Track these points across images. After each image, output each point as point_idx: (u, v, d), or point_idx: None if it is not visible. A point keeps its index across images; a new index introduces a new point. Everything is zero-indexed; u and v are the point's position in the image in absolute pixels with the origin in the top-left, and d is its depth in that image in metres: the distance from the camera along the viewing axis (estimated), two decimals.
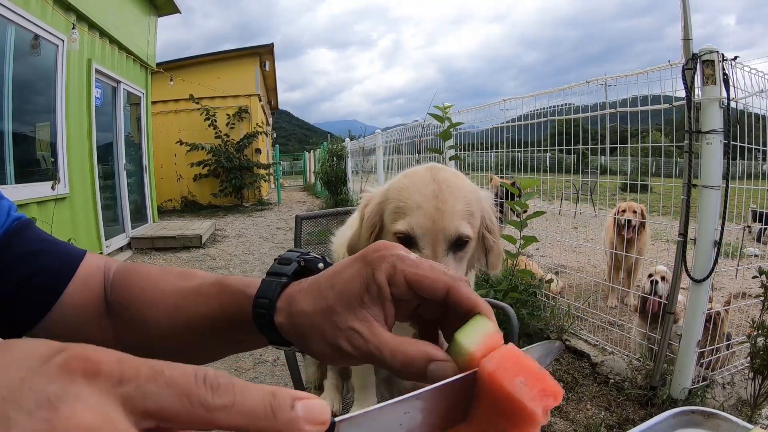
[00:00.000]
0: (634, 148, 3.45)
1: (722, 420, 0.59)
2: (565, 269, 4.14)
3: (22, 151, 4.52)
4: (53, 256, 0.57)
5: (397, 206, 1.03)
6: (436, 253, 0.98)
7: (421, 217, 0.99)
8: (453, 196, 1.03)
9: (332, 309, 0.40)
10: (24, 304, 0.54)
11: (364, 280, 0.39)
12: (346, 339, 0.39)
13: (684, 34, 2.22)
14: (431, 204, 1.00)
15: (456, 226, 1.00)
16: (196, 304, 0.51)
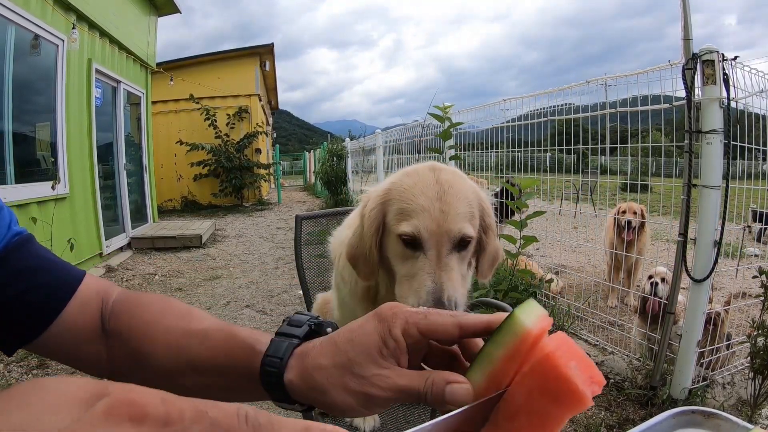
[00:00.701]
0: (634, 148, 3.45)
1: (723, 420, 0.59)
2: (565, 269, 4.14)
3: (23, 151, 4.52)
4: (53, 274, 0.57)
5: (401, 208, 1.04)
6: (440, 254, 1.00)
7: (427, 219, 1.01)
8: (456, 198, 1.05)
9: (353, 362, 0.42)
10: (20, 319, 0.54)
11: (381, 336, 0.43)
12: (375, 384, 0.42)
13: (684, 34, 2.21)
14: (436, 207, 1.02)
15: (459, 227, 1.02)
16: (202, 348, 0.52)
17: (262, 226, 9.16)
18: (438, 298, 0.95)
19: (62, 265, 0.60)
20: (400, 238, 1.03)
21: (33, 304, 0.54)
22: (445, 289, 0.97)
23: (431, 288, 0.97)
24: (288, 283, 5.01)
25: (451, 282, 0.99)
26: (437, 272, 0.99)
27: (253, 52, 13.81)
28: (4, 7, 3.90)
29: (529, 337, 0.38)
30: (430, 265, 1.00)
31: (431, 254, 1.00)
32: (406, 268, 1.03)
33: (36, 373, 2.91)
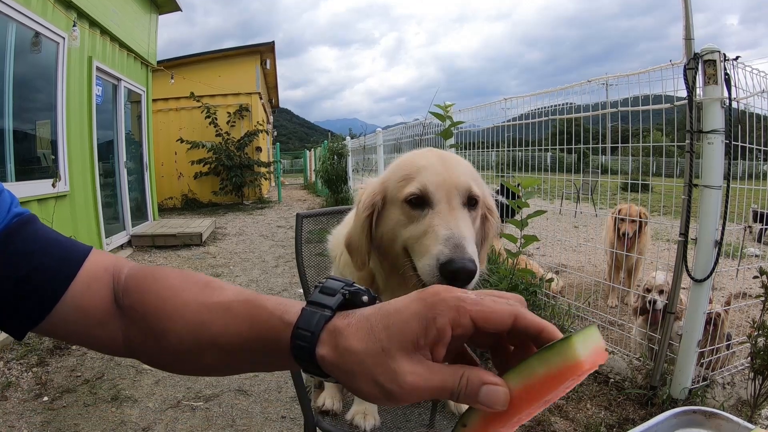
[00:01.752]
0: (635, 148, 3.44)
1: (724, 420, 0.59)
2: (565, 268, 4.14)
3: (23, 148, 4.52)
4: (54, 254, 0.54)
5: (404, 174, 1.01)
6: (452, 205, 0.94)
7: (431, 174, 0.97)
8: (458, 162, 1.04)
9: (386, 351, 0.39)
10: (21, 305, 0.52)
11: (423, 324, 0.39)
12: (405, 382, 0.39)
13: (685, 33, 2.21)
14: (438, 166, 0.99)
15: (466, 180, 0.98)
16: (225, 323, 0.49)
17: (262, 225, 9.17)
18: (457, 244, 0.86)
19: (66, 243, 0.56)
20: (406, 202, 0.97)
21: (34, 287, 0.51)
22: (465, 235, 0.89)
23: (447, 234, 0.88)
24: (288, 281, 5.02)
25: (469, 231, 0.92)
26: (450, 221, 0.91)
27: (253, 50, 13.80)
28: (4, 4, 3.90)
29: (578, 369, 0.37)
30: (440, 217, 0.92)
31: (441, 207, 0.94)
32: (413, 229, 0.95)
33: (36, 371, 2.91)
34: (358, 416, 1.34)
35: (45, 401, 2.57)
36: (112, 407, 2.53)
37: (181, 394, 2.69)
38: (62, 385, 2.75)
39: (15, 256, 0.52)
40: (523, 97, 3.65)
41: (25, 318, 0.52)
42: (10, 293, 0.51)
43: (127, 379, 2.85)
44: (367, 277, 1.18)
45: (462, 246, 0.86)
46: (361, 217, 1.05)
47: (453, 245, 0.86)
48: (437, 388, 0.39)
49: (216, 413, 2.48)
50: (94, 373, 2.90)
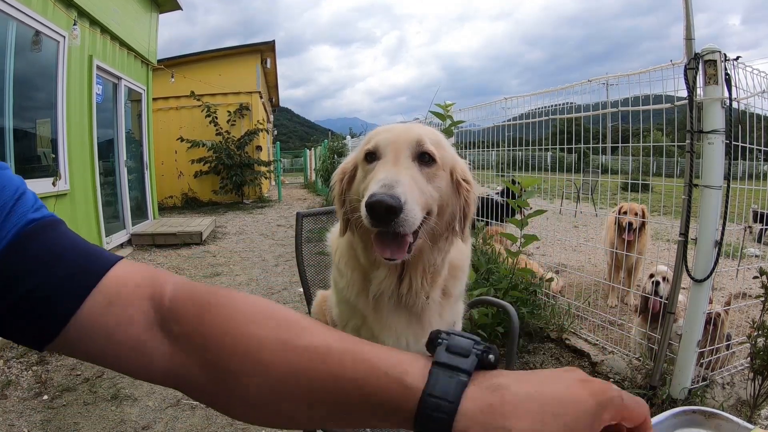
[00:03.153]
0: (635, 148, 3.44)
1: (723, 420, 0.59)
2: (565, 268, 4.14)
3: (23, 147, 4.52)
4: (70, 264, 0.47)
5: (366, 140, 1.09)
6: (398, 157, 1.00)
7: (386, 134, 1.05)
8: (423, 127, 1.10)
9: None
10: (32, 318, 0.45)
11: (593, 420, 0.38)
12: None
13: (686, 33, 2.21)
14: (398, 128, 1.06)
15: (420, 139, 1.02)
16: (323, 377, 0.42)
17: (262, 224, 9.17)
18: (386, 184, 0.90)
19: (86, 252, 0.48)
20: (363, 159, 1.05)
21: (43, 301, 0.45)
22: (399, 179, 0.93)
23: (381, 177, 0.93)
24: (288, 280, 5.02)
25: (407, 178, 0.95)
26: (390, 169, 0.97)
27: (254, 50, 13.80)
28: (5, 3, 3.90)
29: None
30: (385, 165, 0.99)
31: (387, 158, 1.00)
32: (366, 180, 1.02)
33: (36, 369, 2.91)
34: None
35: (45, 400, 2.58)
36: (111, 406, 2.54)
37: (181, 393, 2.68)
38: (62, 383, 2.75)
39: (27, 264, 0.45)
40: (524, 96, 3.65)
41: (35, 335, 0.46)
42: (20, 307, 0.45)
43: (127, 378, 2.85)
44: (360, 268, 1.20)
45: (390, 185, 0.90)
46: (334, 181, 1.16)
47: (382, 185, 0.90)
48: None
49: (216, 412, 2.47)
50: (94, 371, 2.90)
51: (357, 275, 1.20)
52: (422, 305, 1.17)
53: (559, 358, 2.94)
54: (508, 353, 1.66)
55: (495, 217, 4.22)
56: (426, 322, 1.21)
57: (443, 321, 1.28)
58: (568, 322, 3.23)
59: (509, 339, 1.59)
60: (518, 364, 2.86)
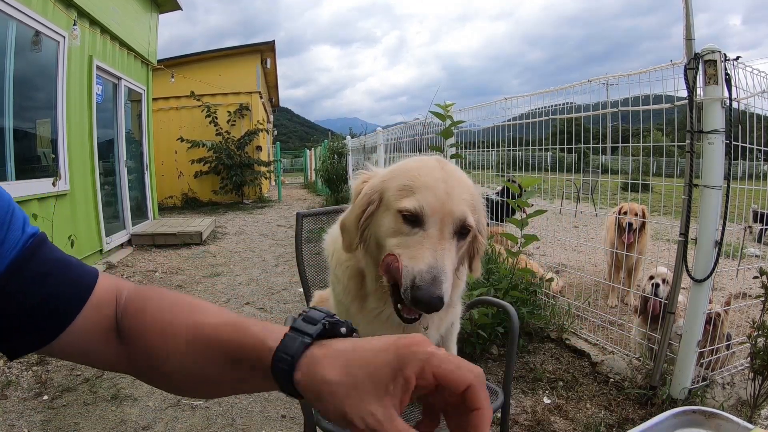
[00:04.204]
0: (635, 148, 3.44)
1: (723, 420, 0.59)
2: (565, 268, 4.14)
3: (23, 147, 4.52)
4: (66, 280, 0.55)
5: (405, 184, 1.02)
6: (443, 234, 0.97)
7: (431, 197, 0.98)
8: (460, 184, 1.04)
9: (358, 388, 0.43)
10: (31, 328, 0.53)
11: (394, 372, 0.43)
12: (363, 419, 0.42)
13: (686, 33, 2.21)
14: (441, 187, 1.00)
15: (463, 211, 0.99)
16: (209, 346, 0.52)
17: (262, 224, 9.17)
18: (435, 277, 0.89)
19: (76, 266, 0.58)
20: (400, 214, 0.99)
21: (45, 313, 0.52)
22: (446, 270, 0.92)
23: (432, 262, 0.91)
24: (288, 280, 5.02)
25: (450, 264, 0.94)
26: (438, 250, 0.94)
27: (254, 50, 13.80)
28: (5, 3, 3.90)
29: None
30: (431, 242, 0.95)
31: (433, 231, 0.96)
32: (400, 240, 0.98)
33: (36, 369, 2.91)
34: None
35: (45, 400, 2.58)
36: (112, 406, 2.54)
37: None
38: (62, 383, 2.75)
39: (31, 279, 0.52)
40: (524, 96, 3.65)
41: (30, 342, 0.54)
42: (24, 316, 0.52)
43: (127, 378, 2.85)
44: (356, 274, 1.19)
45: (438, 280, 0.89)
46: (356, 208, 1.09)
47: (432, 276, 0.89)
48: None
49: (216, 412, 2.48)
50: (94, 371, 2.90)
51: (353, 283, 1.20)
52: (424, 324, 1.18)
53: (559, 358, 2.94)
54: (508, 353, 1.66)
55: (494, 217, 4.22)
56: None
57: (439, 332, 1.29)
58: (568, 322, 3.23)
59: (509, 339, 1.59)
60: (518, 364, 2.86)
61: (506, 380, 1.57)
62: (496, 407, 1.48)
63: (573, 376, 2.72)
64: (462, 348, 2.76)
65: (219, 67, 12.88)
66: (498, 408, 1.49)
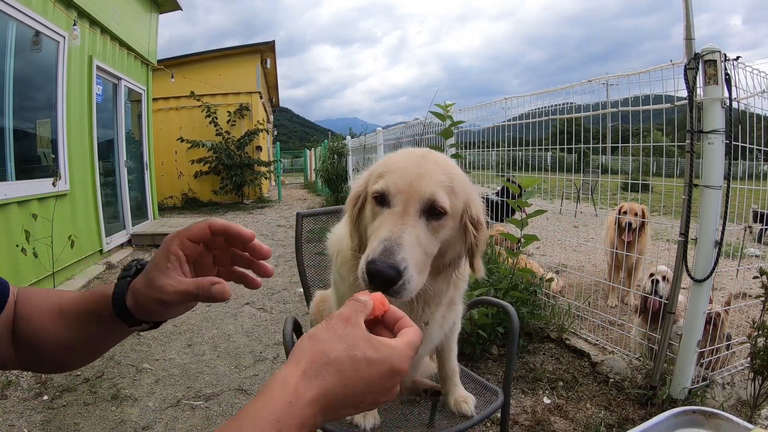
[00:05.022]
0: (635, 148, 3.44)
1: (723, 420, 0.59)
2: (565, 268, 4.14)
3: (23, 147, 4.52)
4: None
5: (381, 171, 1.03)
6: (407, 211, 0.95)
7: (398, 177, 0.98)
8: (437, 166, 1.02)
9: (151, 279, 0.62)
10: None
11: (165, 254, 0.63)
12: (164, 291, 0.61)
13: (686, 33, 2.21)
14: (412, 169, 0.99)
15: (432, 191, 0.97)
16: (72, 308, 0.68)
17: (262, 224, 9.17)
18: (388, 248, 0.87)
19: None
20: (373, 198, 1.00)
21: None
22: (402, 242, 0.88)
23: (386, 235, 0.89)
24: (288, 280, 5.02)
25: (411, 240, 0.91)
26: (398, 225, 0.92)
27: (254, 50, 13.80)
28: (5, 3, 3.90)
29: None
30: (392, 219, 0.94)
31: (396, 209, 0.95)
32: (373, 225, 0.98)
33: None
34: (358, 415, 1.34)
35: (45, 400, 2.58)
36: (111, 406, 2.53)
37: (181, 393, 2.69)
38: (62, 384, 2.75)
39: None
40: (524, 96, 3.65)
41: None
42: None
43: (127, 378, 2.85)
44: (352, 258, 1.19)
45: (392, 251, 0.86)
46: (349, 204, 1.12)
47: (384, 248, 0.87)
48: (184, 291, 0.60)
49: (216, 412, 2.48)
50: (94, 372, 2.90)
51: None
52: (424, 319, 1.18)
53: (559, 358, 2.94)
54: (508, 353, 1.66)
55: (494, 217, 4.23)
56: (426, 334, 1.21)
57: (443, 330, 1.29)
58: (568, 322, 3.23)
59: (509, 339, 1.59)
60: (518, 364, 2.86)
61: (506, 380, 1.57)
62: (496, 407, 1.48)
63: (573, 376, 2.72)
64: (462, 348, 2.76)
65: (219, 67, 12.88)
66: (498, 408, 1.49)
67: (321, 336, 0.51)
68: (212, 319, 3.90)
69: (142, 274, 0.64)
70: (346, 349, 0.50)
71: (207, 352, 3.24)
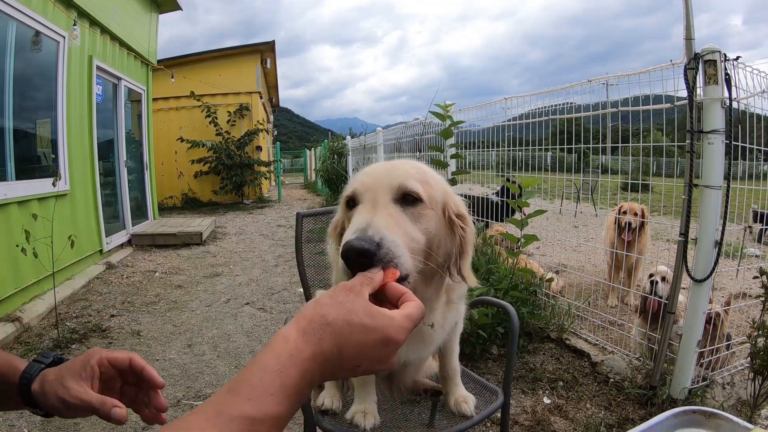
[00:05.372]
0: (635, 148, 3.44)
1: (723, 420, 0.59)
2: (565, 268, 4.14)
3: (23, 147, 4.52)
4: None
5: (353, 180, 1.02)
6: (376, 201, 0.91)
7: (366, 177, 0.98)
8: (409, 164, 1.03)
9: (63, 378, 0.70)
10: None
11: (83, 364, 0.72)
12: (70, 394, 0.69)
13: (686, 33, 2.21)
14: (379, 169, 1.00)
15: (402, 179, 0.94)
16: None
17: (262, 224, 9.17)
18: (360, 228, 0.81)
19: None
20: (344, 205, 1.00)
21: None
22: (375, 223, 0.83)
23: (357, 223, 0.84)
24: (288, 280, 5.02)
25: (385, 221, 0.86)
26: (370, 213, 0.88)
27: (254, 50, 13.80)
28: (5, 3, 3.90)
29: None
30: (363, 210, 0.91)
31: (366, 204, 0.92)
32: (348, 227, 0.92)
33: None
34: (357, 415, 1.34)
35: None
36: None
37: (181, 393, 2.69)
38: None
39: None
40: (524, 96, 3.65)
41: None
42: None
43: None
44: None
45: (363, 229, 0.81)
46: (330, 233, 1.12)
47: (356, 229, 0.81)
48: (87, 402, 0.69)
49: None
50: None
51: None
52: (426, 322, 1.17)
53: (559, 358, 2.94)
54: (508, 353, 1.66)
55: (493, 217, 4.22)
56: (426, 335, 1.21)
57: (444, 330, 1.29)
58: (568, 322, 3.23)
59: (509, 339, 1.59)
60: (518, 364, 2.86)
61: (506, 380, 1.57)
62: (496, 407, 1.48)
63: (573, 376, 2.72)
64: (462, 348, 2.75)
65: (219, 67, 12.88)
66: (498, 408, 1.49)
67: (323, 301, 0.55)
68: (212, 319, 3.90)
69: (58, 368, 0.72)
70: (344, 315, 0.53)
71: (207, 352, 3.24)
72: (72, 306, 4.16)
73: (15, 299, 3.79)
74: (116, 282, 4.98)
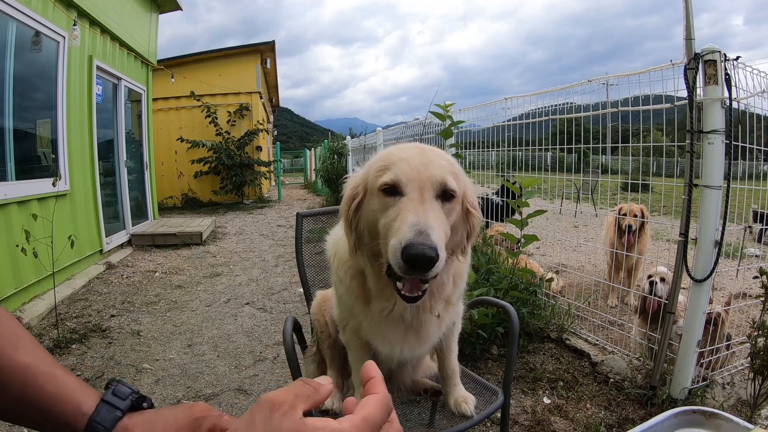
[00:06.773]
0: (635, 148, 3.44)
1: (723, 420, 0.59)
2: (565, 268, 4.14)
3: (23, 147, 4.52)
4: None
5: (382, 165, 1.04)
6: (423, 197, 0.97)
7: (406, 167, 1.00)
8: (436, 155, 1.06)
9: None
10: None
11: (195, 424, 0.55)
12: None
13: (686, 33, 2.21)
14: (415, 158, 1.02)
15: (442, 175, 1.00)
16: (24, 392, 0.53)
17: (262, 224, 9.17)
18: (422, 230, 0.88)
19: None
20: (381, 191, 1.00)
21: None
22: (431, 224, 0.90)
23: (414, 220, 0.90)
24: (288, 280, 5.02)
25: (437, 222, 0.93)
26: (419, 209, 0.94)
27: (254, 50, 13.80)
28: (5, 3, 3.90)
29: None
30: (412, 204, 0.95)
31: (413, 195, 0.97)
32: (388, 216, 0.98)
33: None
34: None
35: None
36: None
37: (181, 393, 2.69)
38: None
39: None
40: (524, 96, 3.65)
41: None
42: None
43: (127, 378, 2.85)
44: (358, 274, 1.19)
45: (426, 233, 0.87)
46: (344, 206, 1.11)
47: (417, 231, 0.87)
48: None
49: None
50: (94, 371, 2.90)
51: (356, 283, 1.20)
52: (422, 319, 1.18)
53: (559, 358, 2.94)
54: (508, 353, 1.66)
55: (493, 217, 4.22)
56: (425, 333, 1.21)
57: (441, 329, 1.29)
58: (568, 322, 3.23)
59: (509, 339, 1.59)
60: (518, 364, 2.86)
61: (506, 380, 1.57)
62: (496, 407, 1.48)
63: (573, 376, 2.72)
64: (462, 348, 2.76)
65: (219, 67, 12.88)
66: (498, 408, 1.49)
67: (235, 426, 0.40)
68: (212, 319, 3.90)
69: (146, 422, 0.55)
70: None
71: (207, 352, 3.24)
72: (72, 306, 4.16)
73: (15, 299, 3.80)
74: (116, 282, 4.98)
